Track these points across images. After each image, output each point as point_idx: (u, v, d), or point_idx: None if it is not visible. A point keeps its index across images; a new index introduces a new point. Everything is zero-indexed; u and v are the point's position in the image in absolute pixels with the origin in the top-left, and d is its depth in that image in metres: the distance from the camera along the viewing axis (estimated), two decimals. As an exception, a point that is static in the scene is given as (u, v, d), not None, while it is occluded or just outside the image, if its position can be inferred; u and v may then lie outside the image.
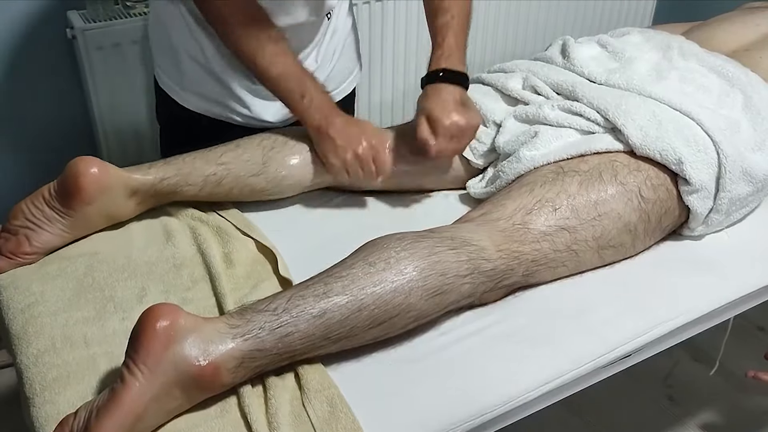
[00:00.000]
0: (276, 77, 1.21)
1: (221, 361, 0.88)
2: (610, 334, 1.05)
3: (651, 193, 1.15)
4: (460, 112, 1.19)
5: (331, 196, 1.31)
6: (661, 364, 1.86)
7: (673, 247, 1.22)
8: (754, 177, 1.19)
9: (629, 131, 1.18)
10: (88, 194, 1.12)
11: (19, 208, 1.14)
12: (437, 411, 0.94)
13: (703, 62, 1.32)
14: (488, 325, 1.05)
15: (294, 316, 0.92)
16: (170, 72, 1.37)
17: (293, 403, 0.93)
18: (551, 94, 1.31)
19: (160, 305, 0.89)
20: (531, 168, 1.20)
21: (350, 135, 1.20)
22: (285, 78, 1.21)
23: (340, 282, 0.95)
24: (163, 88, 1.40)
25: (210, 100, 1.36)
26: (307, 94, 1.21)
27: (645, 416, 1.85)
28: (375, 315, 0.95)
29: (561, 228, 1.10)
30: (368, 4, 1.98)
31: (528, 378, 0.99)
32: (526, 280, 1.09)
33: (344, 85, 1.48)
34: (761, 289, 1.19)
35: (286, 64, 1.21)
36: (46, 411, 0.92)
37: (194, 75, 1.34)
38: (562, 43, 1.42)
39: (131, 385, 0.85)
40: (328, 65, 1.42)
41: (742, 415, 1.86)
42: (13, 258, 1.13)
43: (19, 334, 1.02)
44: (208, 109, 1.37)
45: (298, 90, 1.20)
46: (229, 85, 1.34)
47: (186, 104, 1.37)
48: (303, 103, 1.21)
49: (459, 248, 1.02)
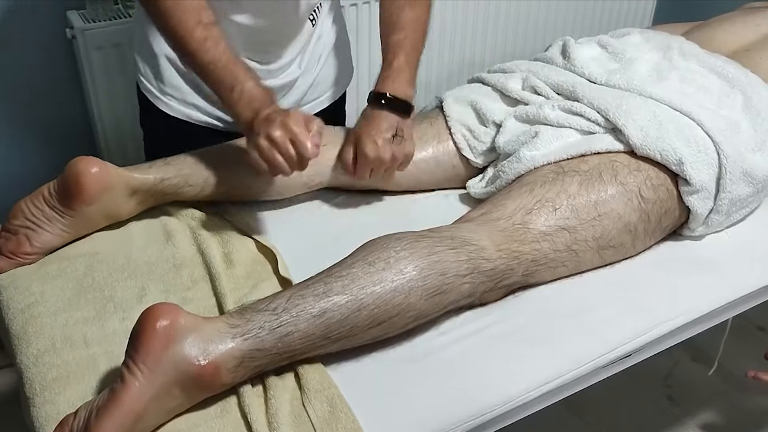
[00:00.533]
0: (206, 63, 1.10)
1: (221, 360, 0.88)
2: (610, 334, 1.05)
3: (651, 194, 1.15)
4: (387, 145, 1.19)
5: (331, 196, 1.31)
6: (661, 364, 1.86)
7: (673, 247, 1.22)
8: (754, 178, 1.19)
9: (630, 131, 1.18)
10: (89, 194, 1.12)
11: (18, 207, 1.14)
12: (437, 411, 0.94)
13: (704, 63, 1.32)
14: (488, 325, 1.05)
15: (294, 315, 0.92)
16: (151, 78, 1.34)
17: (293, 403, 0.93)
18: (551, 94, 1.31)
19: (160, 305, 0.89)
20: (531, 168, 1.20)
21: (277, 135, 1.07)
22: (214, 66, 1.10)
23: (340, 281, 0.95)
24: (145, 94, 1.36)
25: (191, 106, 1.33)
26: (237, 86, 1.10)
27: (645, 416, 1.85)
28: (375, 314, 0.95)
29: (561, 228, 1.10)
30: (368, 4, 1.98)
31: (528, 378, 0.99)
32: (525, 280, 1.09)
33: (330, 92, 1.45)
34: (761, 289, 1.19)
35: (216, 52, 1.10)
36: (46, 411, 0.92)
37: (174, 80, 1.31)
38: (563, 44, 1.42)
39: (131, 384, 0.85)
40: (313, 71, 1.38)
41: (742, 415, 1.86)
42: (13, 258, 1.13)
43: (19, 334, 1.02)
44: (189, 115, 1.34)
45: (229, 81, 1.10)
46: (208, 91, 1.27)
47: (168, 110, 1.34)
48: (232, 96, 1.10)
49: (459, 248, 1.02)
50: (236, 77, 1.10)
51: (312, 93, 1.41)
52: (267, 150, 1.06)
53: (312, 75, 1.39)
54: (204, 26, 1.10)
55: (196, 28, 1.09)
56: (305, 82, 1.38)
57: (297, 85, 1.37)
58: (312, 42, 1.36)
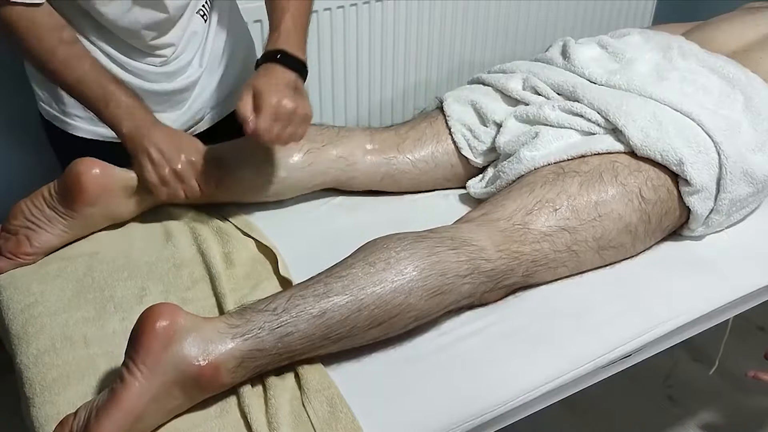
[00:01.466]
0: (74, 83, 1.10)
1: (221, 361, 0.88)
2: (610, 334, 1.05)
3: (651, 194, 1.15)
4: (289, 96, 1.07)
5: (331, 196, 1.31)
6: (661, 364, 1.86)
7: (673, 247, 1.22)
8: (754, 178, 1.19)
9: (630, 132, 1.18)
10: (89, 195, 1.12)
11: (18, 207, 1.14)
12: (437, 411, 0.94)
13: (704, 63, 1.32)
14: (488, 325, 1.05)
15: (294, 316, 0.92)
16: (51, 102, 1.28)
17: (293, 403, 0.93)
18: (552, 94, 1.31)
19: (160, 305, 0.89)
20: (531, 168, 1.20)
21: (168, 149, 1.10)
22: (84, 83, 1.09)
23: (340, 282, 0.95)
24: (49, 120, 1.31)
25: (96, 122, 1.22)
26: (113, 100, 1.10)
27: (645, 416, 1.85)
28: (375, 315, 0.95)
29: (561, 228, 1.10)
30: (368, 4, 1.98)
31: (528, 378, 0.99)
32: (526, 281, 1.09)
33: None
34: (761, 289, 1.19)
35: (82, 69, 1.09)
36: (46, 411, 0.92)
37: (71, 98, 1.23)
38: (563, 44, 1.42)
39: (131, 385, 0.85)
40: (217, 70, 1.34)
41: (742, 415, 1.86)
42: (13, 258, 1.13)
43: (19, 334, 1.02)
44: (97, 132, 1.28)
45: (101, 97, 1.10)
46: None
47: (76, 132, 1.29)
48: (109, 110, 1.10)
49: (459, 248, 1.02)
50: (108, 91, 1.10)
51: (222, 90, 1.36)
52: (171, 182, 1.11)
53: (217, 74, 1.34)
54: (66, 44, 1.09)
55: (58, 48, 1.08)
56: (211, 81, 1.34)
57: (202, 84, 1.33)
58: (210, 39, 1.32)
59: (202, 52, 1.31)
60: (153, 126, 1.11)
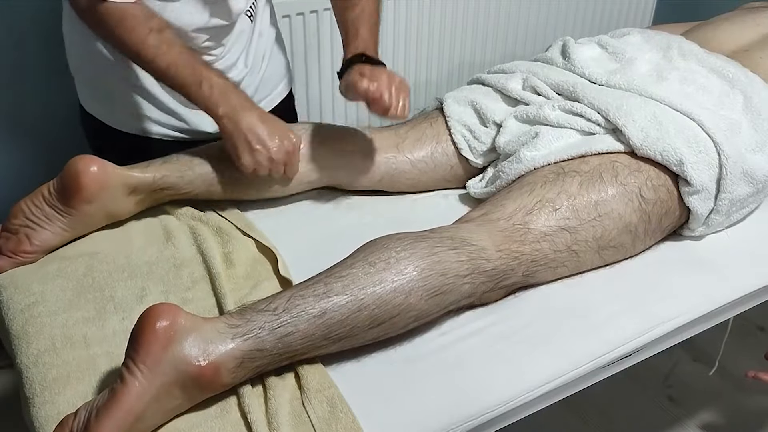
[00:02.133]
0: (165, 68, 1.11)
1: (221, 361, 0.88)
2: (610, 334, 1.05)
3: (651, 194, 1.15)
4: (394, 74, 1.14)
5: (331, 196, 1.31)
6: (661, 364, 1.86)
7: (673, 247, 1.22)
8: (754, 178, 1.19)
9: (630, 132, 1.18)
10: (88, 193, 1.12)
11: (18, 207, 1.14)
12: (437, 411, 0.94)
13: (704, 63, 1.32)
14: (488, 326, 1.05)
15: (294, 316, 0.92)
16: (97, 95, 1.31)
17: (293, 403, 0.93)
18: (552, 94, 1.31)
19: (160, 305, 0.89)
20: (531, 168, 1.20)
21: (265, 134, 1.13)
22: (176, 67, 1.11)
23: (340, 282, 0.95)
24: (92, 114, 1.33)
25: (144, 119, 1.30)
26: (205, 81, 1.11)
27: (645, 416, 1.85)
28: (375, 315, 0.95)
29: (561, 228, 1.10)
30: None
31: (528, 378, 0.99)
32: (526, 281, 1.09)
33: (280, 88, 1.45)
34: (761, 289, 1.19)
35: (173, 54, 1.11)
36: (46, 411, 0.92)
37: (122, 94, 1.28)
38: (563, 44, 1.42)
39: (131, 385, 0.85)
40: (259, 70, 1.37)
41: (742, 415, 1.85)
42: (13, 257, 1.13)
43: (19, 334, 1.02)
44: (143, 129, 1.31)
45: (194, 79, 1.11)
46: (159, 100, 1.29)
47: (120, 127, 1.31)
48: (202, 91, 1.11)
49: (459, 248, 1.02)
50: (200, 74, 1.11)
51: (262, 91, 1.39)
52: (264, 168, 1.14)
53: (259, 73, 1.38)
54: (156, 32, 1.10)
55: (148, 37, 1.10)
56: (253, 81, 1.36)
57: (245, 84, 1.35)
58: (254, 39, 1.35)
59: (247, 53, 1.34)
60: (249, 109, 1.13)
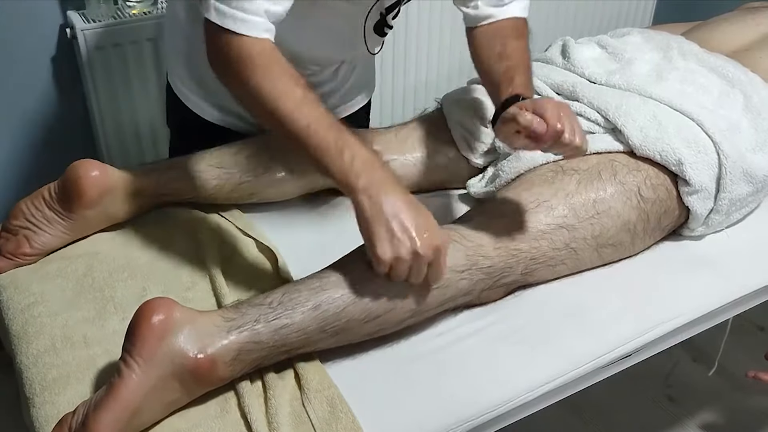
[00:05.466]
0: (305, 126, 0.95)
1: (217, 353, 0.88)
2: (610, 334, 1.05)
3: (650, 193, 1.15)
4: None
5: (332, 196, 1.31)
6: (661, 364, 1.86)
7: (673, 247, 1.22)
8: (754, 177, 1.19)
9: (629, 132, 1.18)
10: (89, 198, 1.12)
11: (18, 208, 1.14)
12: (437, 411, 0.94)
13: (703, 62, 1.32)
14: (488, 325, 1.05)
15: (289, 308, 0.93)
16: (186, 80, 1.31)
17: (293, 403, 0.93)
18: (551, 94, 1.31)
19: (156, 299, 0.90)
20: (531, 167, 1.20)
21: (412, 223, 0.92)
22: (317, 127, 0.95)
23: (335, 276, 0.96)
24: (178, 96, 1.33)
25: (230, 113, 1.30)
26: (347, 150, 0.94)
27: (645, 416, 1.85)
28: (370, 308, 0.95)
29: (559, 226, 1.10)
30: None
31: (528, 378, 0.99)
32: (525, 279, 1.09)
33: (359, 98, 1.42)
34: (761, 289, 1.19)
35: (319, 113, 0.96)
36: (46, 411, 0.92)
37: (214, 86, 1.20)
38: (562, 44, 1.42)
39: (128, 378, 0.85)
40: (347, 80, 1.36)
41: (742, 415, 1.85)
42: (12, 258, 1.13)
43: (19, 334, 1.02)
44: (228, 121, 1.31)
45: (336, 144, 0.94)
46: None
47: (203, 114, 1.31)
48: (343, 160, 0.94)
49: (456, 243, 1.02)
50: (345, 140, 0.95)
51: (343, 100, 1.38)
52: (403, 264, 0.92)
53: (346, 84, 1.36)
54: (302, 87, 0.98)
55: (296, 88, 0.97)
56: (338, 91, 1.35)
57: (330, 93, 1.33)
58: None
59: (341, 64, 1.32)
60: (393, 191, 0.95)
